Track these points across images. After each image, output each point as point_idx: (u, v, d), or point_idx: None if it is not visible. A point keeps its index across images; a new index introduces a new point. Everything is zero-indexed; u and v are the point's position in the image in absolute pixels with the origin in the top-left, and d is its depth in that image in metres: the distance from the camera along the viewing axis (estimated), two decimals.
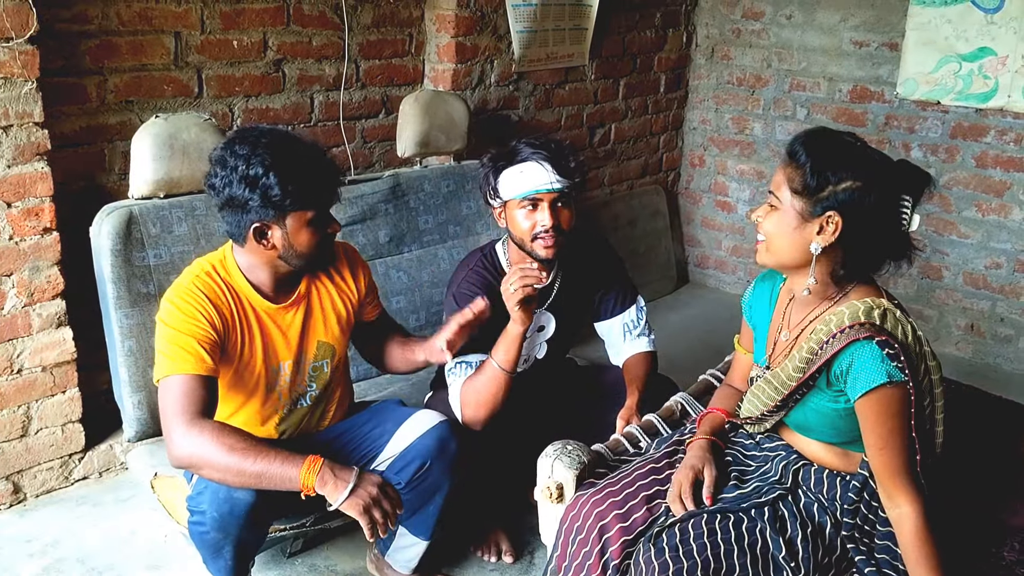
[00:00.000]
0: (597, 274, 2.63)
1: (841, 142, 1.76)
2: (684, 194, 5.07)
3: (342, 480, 1.88)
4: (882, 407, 1.70)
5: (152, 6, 2.73)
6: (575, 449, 1.96)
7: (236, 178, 1.96)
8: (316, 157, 2.06)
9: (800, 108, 4.53)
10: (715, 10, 4.69)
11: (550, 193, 2.36)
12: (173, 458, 1.93)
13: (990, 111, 3.95)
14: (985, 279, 4.15)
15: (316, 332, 2.25)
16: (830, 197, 1.71)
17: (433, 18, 3.48)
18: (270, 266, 2.11)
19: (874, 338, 1.70)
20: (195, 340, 1.99)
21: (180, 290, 2.06)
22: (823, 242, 1.73)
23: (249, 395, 2.19)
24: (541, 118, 3.95)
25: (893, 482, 1.72)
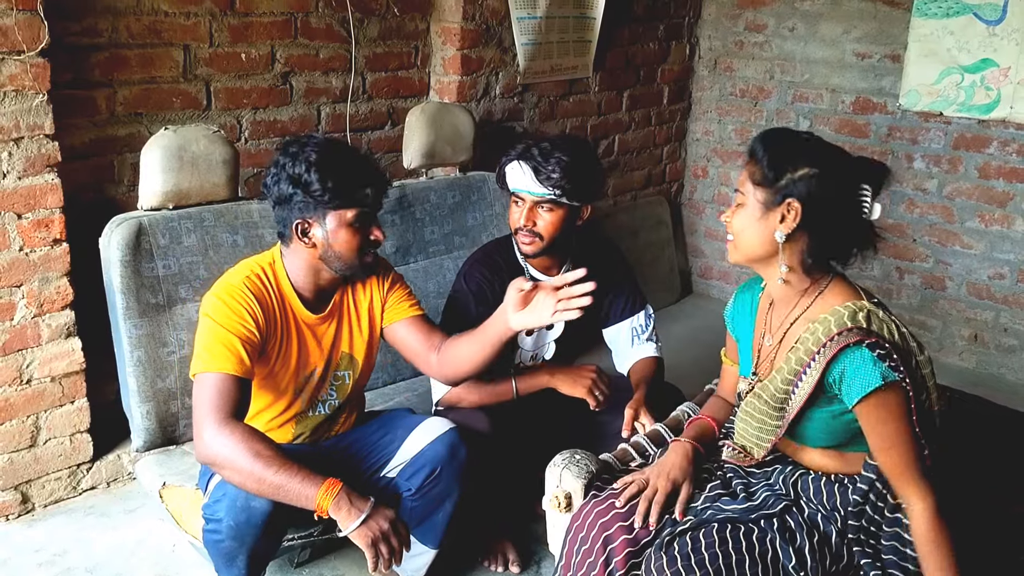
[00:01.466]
0: (607, 277, 2.65)
1: (796, 136, 1.82)
2: (687, 205, 5.09)
3: (356, 509, 1.90)
4: (881, 409, 1.71)
5: (161, 19, 2.76)
6: (583, 458, 1.97)
7: (284, 176, 2.06)
8: (360, 159, 2.15)
9: (803, 119, 4.55)
10: (718, 22, 4.72)
11: (530, 196, 2.45)
12: (199, 454, 1.96)
13: (992, 122, 3.96)
14: (989, 289, 4.16)
15: (343, 343, 2.28)
16: (788, 185, 1.76)
17: (439, 31, 3.50)
18: (312, 269, 2.15)
19: (863, 342, 1.71)
20: (239, 340, 2.01)
21: (230, 288, 2.09)
22: (786, 229, 1.77)
23: (275, 399, 2.22)
24: (545, 129, 3.97)
25: (902, 479, 1.73)
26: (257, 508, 1.96)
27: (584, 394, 2.41)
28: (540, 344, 2.65)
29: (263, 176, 2.13)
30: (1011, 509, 2.00)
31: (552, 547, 2.06)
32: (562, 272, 2.58)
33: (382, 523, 1.92)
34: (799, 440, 1.93)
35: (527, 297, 2.06)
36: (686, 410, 2.32)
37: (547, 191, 2.41)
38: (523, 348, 2.63)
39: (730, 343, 2.16)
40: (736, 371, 2.11)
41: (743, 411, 1.97)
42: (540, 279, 2.58)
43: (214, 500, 2.03)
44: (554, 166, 2.39)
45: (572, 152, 2.42)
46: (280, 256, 2.19)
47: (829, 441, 1.89)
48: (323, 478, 1.91)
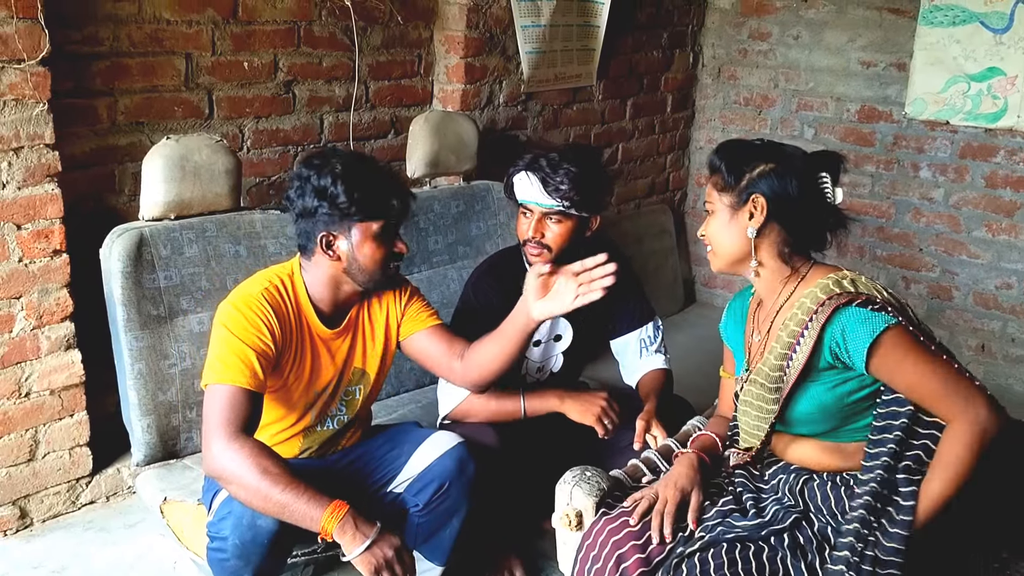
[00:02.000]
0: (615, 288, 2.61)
1: (749, 142, 1.94)
2: (690, 214, 5.06)
3: (361, 534, 1.86)
4: (895, 350, 1.70)
5: (163, 28, 2.72)
6: (594, 476, 1.93)
7: (309, 188, 2.03)
8: (384, 172, 2.14)
9: (807, 128, 4.53)
10: (721, 30, 4.70)
11: (538, 207, 2.41)
12: (207, 467, 1.93)
13: (1000, 131, 3.94)
14: (996, 299, 4.12)
15: (355, 359, 2.25)
16: (749, 184, 1.84)
17: (442, 39, 3.47)
18: (334, 283, 2.13)
19: (853, 301, 1.74)
20: (254, 353, 1.98)
21: (248, 298, 2.05)
22: (756, 224, 1.84)
23: (285, 413, 2.19)
24: (549, 138, 3.94)
25: (951, 399, 1.67)
26: (263, 527, 1.92)
27: (593, 422, 2.36)
28: (548, 356, 2.62)
29: (286, 188, 2.10)
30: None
31: (562, 566, 2.02)
32: None
33: (387, 551, 1.87)
34: (792, 427, 1.90)
35: (547, 284, 2.07)
36: (696, 424, 2.29)
37: (555, 203, 2.38)
38: (531, 359, 2.60)
39: (727, 356, 2.17)
40: (732, 384, 2.10)
41: (742, 404, 1.97)
42: None
43: (219, 518, 1.99)
44: (563, 177, 2.35)
45: (581, 162, 2.39)
46: (299, 268, 2.16)
47: (822, 422, 1.86)
48: (329, 499, 1.87)
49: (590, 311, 2.60)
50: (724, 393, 2.21)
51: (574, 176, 2.36)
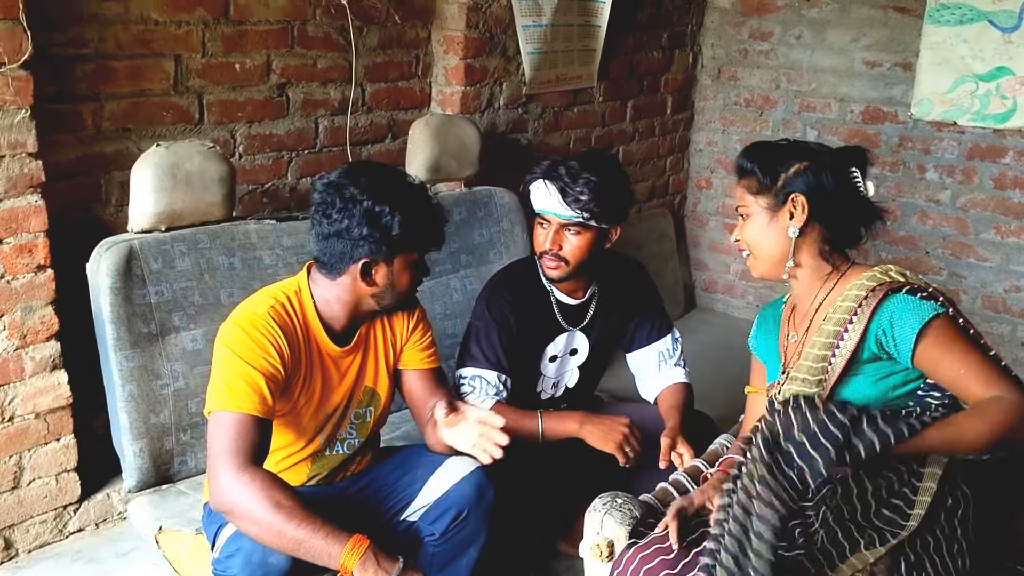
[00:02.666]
0: (633, 300, 2.52)
1: (773, 142, 1.92)
2: (690, 217, 4.96)
3: (383, 570, 1.74)
4: (942, 338, 1.65)
5: (151, 28, 2.58)
6: (625, 503, 1.82)
7: (359, 211, 1.90)
8: (430, 200, 2.05)
9: (810, 129, 4.43)
10: (721, 30, 4.60)
11: (556, 218, 2.31)
12: (215, 502, 1.81)
13: (1008, 132, 3.86)
14: (1005, 302, 4.05)
15: (366, 378, 2.14)
16: (786, 183, 1.82)
17: (440, 39, 3.35)
18: (354, 303, 2.02)
19: (903, 288, 1.71)
20: (263, 377, 1.86)
21: (253, 318, 1.92)
22: (798, 223, 1.81)
23: (293, 437, 2.07)
24: (550, 141, 3.82)
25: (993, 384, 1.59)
26: (274, 565, 1.79)
27: (614, 450, 2.25)
28: (563, 370, 2.51)
29: (318, 204, 1.96)
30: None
31: None
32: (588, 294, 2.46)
33: None
34: None
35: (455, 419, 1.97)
36: (724, 443, 2.18)
37: (575, 214, 2.27)
38: (546, 375, 2.49)
39: (756, 370, 2.09)
40: (763, 400, 1.98)
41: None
42: (566, 302, 2.45)
43: (226, 555, 1.86)
44: (582, 187, 2.25)
45: (600, 172, 2.29)
46: (307, 284, 2.04)
47: None
48: (348, 535, 1.75)
49: (607, 324, 2.51)
50: (751, 411, 2.10)
51: (594, 186, 2.25)
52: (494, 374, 2.34)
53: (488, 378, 2.34)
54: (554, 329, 2.46)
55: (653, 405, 2.51)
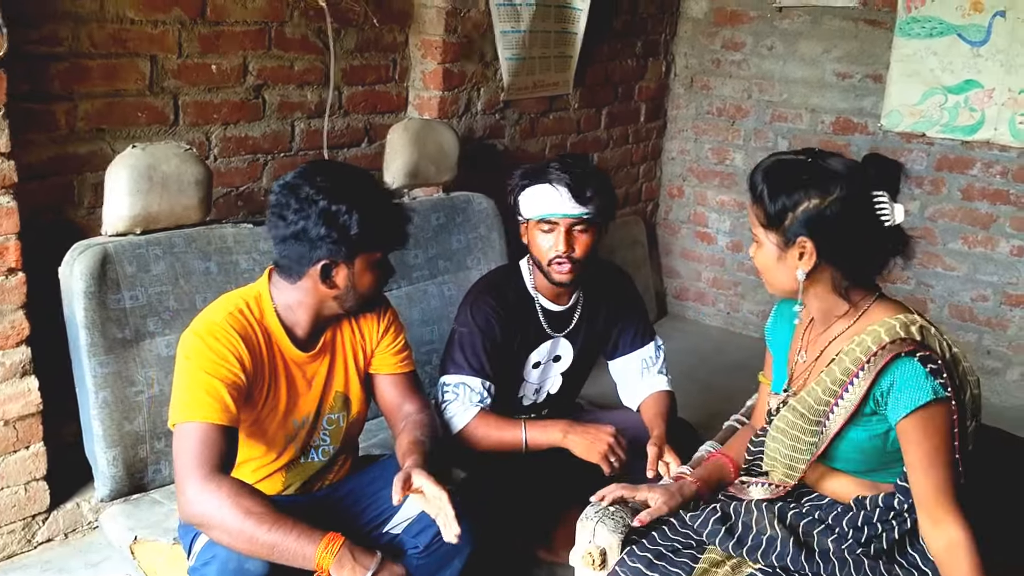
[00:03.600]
0: (616, 307, 2.51)
1: (792, 165, 1.72)
2: (662, 225, 4.98)
3: (361, 566, 1.72)
4: (926, 425, 1.61)
5: (127, 27, 2.53)
6: (617, 511, 1.81)
7: (315, 211, 1.85)
8: (391, 199, 2.00)
9: (781, 139, 4.48)
10: (694, 40, 4.63)
11: (566, 219, 2.28)
12: (184, 514, 1.77)
13: (976, 144, 3.93)
14: (971, 311, 4.11)
15: (336, 383, 2.10)
16: (794, 224, 1.69)
17: (418, 43, 3.33)
18: (316, 307, 1.98)
19: (916, 353, 1.61)
20: (223, 385, 1.82)
21: (212, 326, 1.89)
22: (805, 267, 1.70)
23: (263, 447, 2.03)
24: (526, 147, 3.81)
25: (940, 505, 1.61)
26: (251, 570, 1.76)
27: (599, 460, 2.23)
28: (546, 377, 2.50)
29: (274, 205, 1.91)
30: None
31: None
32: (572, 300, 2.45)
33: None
34: (828, 460, 1.80)
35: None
36: (709, 450, 2.17)
37: (586, 211, 2.27)
38: (528, 381, 2.47)
39: (768, 360, 2.05)
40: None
41: (775, 428, 1.85)
42: (551, 309, 2.44)
43: (202, 563, 1.82)
44: (589, 183, 2.26)
45: (590, 167, 2.32)
46: (268, 289, 1.99)
47: (860, 464, 1.78)
48: (322, 533, 1.73)
49: (591, 331, 2.50)
50: (760, 403, 2.09)
51: (598, 181, 2.28)
52: (478, 381, 2.32)
53: (472, 385, 2.32)
54: (538, 336, 2.45)
55: (636, 412, 2.50)
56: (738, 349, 4.56)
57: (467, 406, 2.31)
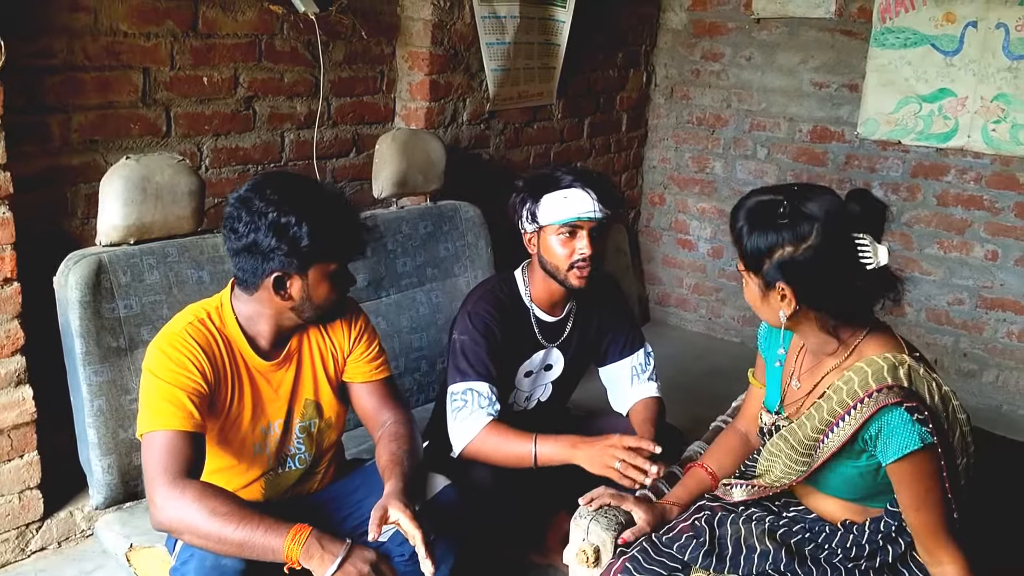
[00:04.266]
0: (608, 316, 2.56)
1: (768, 207, 1.68)
2: (644, 232, 5.04)
3: (330, 553, 1.72)
4: (916, 470, 1.63)
5: (120, 40, 2.56)
6: (610, 509, 1.85)
7: (264, 224, 1.85)
8: (345, 208, 1.98)
9: (760, 148, 4.56)
10: (674, 51, 4.71)
11: (591, 221, 2.31)
12: (154, 521, 1.79)
13: (950, 151, 4.02)
14: (948, 315, 4.20)
15: (304, 391, 2.10)
16: (771, 270, 1.68)
17: (405, 55, 3.37)
18: (276, 318, 1.98)
19: (903, 404, 1.62)
20: (184, 393, 1.84)
21: (171, 337, 1.91)
22: (787, 310, 1.70)
23: (234, 455, 2.04)
24: (511, 157, 3.87)
25: (933, 540, 1.66)
26: (229, 567, 1.78)
27: (612, 474, 2.15)
28: (536, 385, 2.54)
29: (227, 219, 1.90)
30: None
31: None
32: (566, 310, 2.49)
33: (361, 566, 1.73)
34: (820, 487, 1.84)
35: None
36: (698, 451, 2.23)
37: (609, 212, 2.33)
38: (520, 389, 2.51)
39: (759, 362, 2.07)
40: (760, 395, 2.02)
41: (769, 450, 1.87)
42: (545, 320, 2.48)
43: (181, 562, 1.84)
44: (608, 183, 2.35)
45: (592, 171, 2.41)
46: (230, 299, 2.00)
47: (850, 494, 1.81)
48: (289, 525, 1.74)
49: (583, 341, 2.54)
50: (751, 400, 2.10)
51: (610, 182, 2.38)
52: (486, 386, 2.32)
53: (480, 390, 2.31)
54: (532, 346, 2.47)
55: (625, 418, 2.54)
56: (720, 354, 4.63)
57: (477, 413, 2.30)
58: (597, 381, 2.73)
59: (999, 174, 3.97)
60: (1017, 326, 4.07)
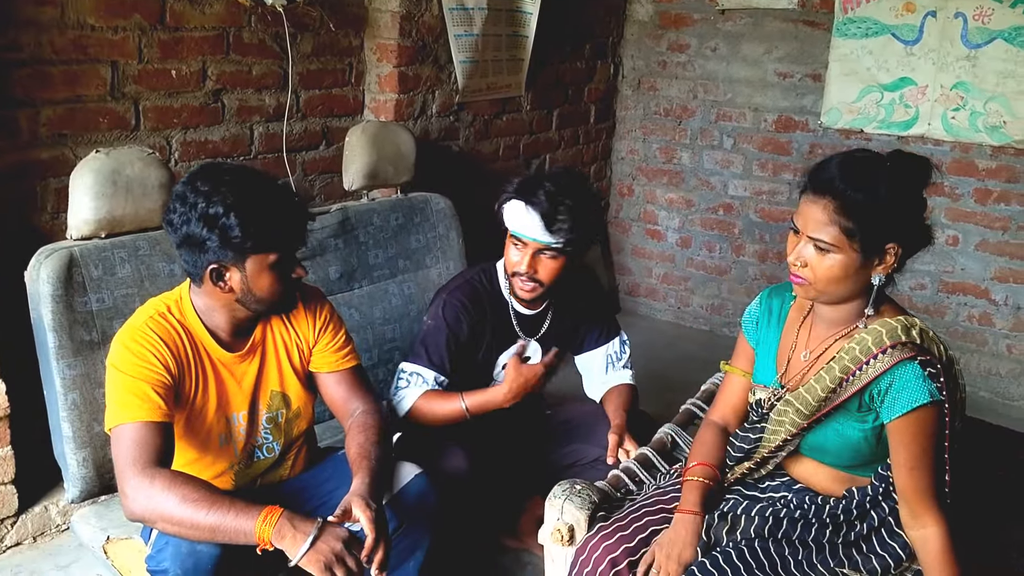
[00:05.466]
0: (584, 307, 2.59)
1: (872, 167, 1.72)
2: (613, 223, 5.09)
3: (301, 533, 1.74)
4: (919, 426, 1.68)
5: (87, 34, 2.55)
6: (584, 489, 1.89)
7: (195, 216, 1.85)
8: (283, 197, 1.95)
9: (727, 138, 4.62)
10: (640, 42, 4.75)
11: (533, 242, 2.31)
12: (127, 511, 1.80)
13: (911, 138, 4.10)
14: (910, 300, 4.28)
15: (269, 382, 2.11)
16: (888, 231, 1.67)
17: (374, 47, 3.39)
18: (227, 309, 1.99)
19: (916, 358, 1.67)
20: (148, 385, 1.85)
21: (132, 331, 1.92)
22: (885, 271, 1.70)
23: (201, 446, 2.05)
24: (480, 148, 3.90)
25: (921, 502, 1.71)
26: (204, 552, 1.80)
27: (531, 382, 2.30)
28: None
29: (166, 213, 1.91)
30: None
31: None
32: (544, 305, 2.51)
33: (334, 543, 1.74)
34: (819, 455, 1.87)
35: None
36: (670, 432, 2.27)
37: (553, 240, 2.29)
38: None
39: (742, 350, 2.04)
40: (744, 383, 2.03)
41: (774, 423, 1.87)
42: (523, 313, 2.51)
43: (157, 550, 1.86)
44: (564, 215, 2.25)
45: (578, 197, 2.30)
46: (188, 293, 2.02)
47: (848, 460, 1.85)
48: (260, 508, 1.75)
49: (560, 333, 2.57)
50: (730, 390, 2.07)
51: (574, 213, 2.26)
52: (433, 374, 2.39)
53: (426, 376, 2.39)
54: (510, 339, 2.50)
55: (598, 404, 2.58)
56: (689, 341, 4.69)
57: (416, 391, 2.40)
58: (571, 370, 2.76)
59: (959, 161, 4.05)
60: (977, 309, 4.16)
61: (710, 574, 1.73)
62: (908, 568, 1.78)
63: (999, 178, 4.00)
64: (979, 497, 2.10)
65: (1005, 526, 2.04)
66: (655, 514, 1.88)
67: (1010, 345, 4.13)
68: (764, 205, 4.58)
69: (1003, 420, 3.36)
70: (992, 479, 2.23)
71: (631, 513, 1.88)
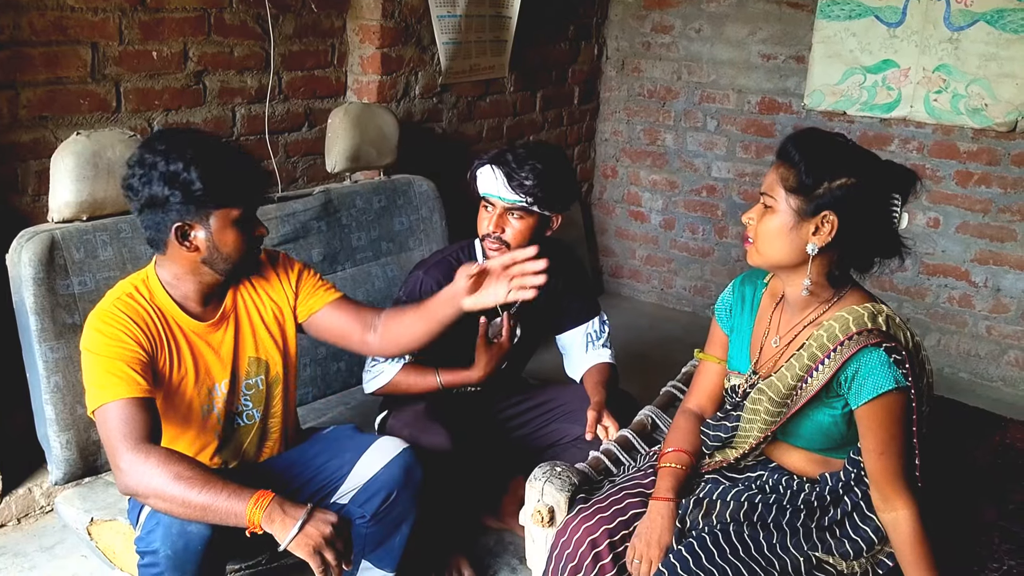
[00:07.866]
0: (564, 285, 2.60)
1: (831, 140, 1.76)
2: (597, 205, 5.10)
3: (291, 517, 1.76)
4: (885, 412, 1.71)
5: (67, 15, 2.54)
6: (564, 471, 1.91)
7: (156, 175, 1.87)
8: (239, 153, 2.00)
9: (710, 120, 4.63)
10: (624, 23, 4.75)
11: (500, 202, 2.37)
12: (121, 487, 1.82)
13: (894, 121, 4.12)
14: (891, 282, 4.32)
15: (246, 348, 2.13)
16: (826, 195, 1.70)
17: (356, 28, 3.37)
18: (194, 275, 2.00)
19: (882, 344, 1.69)
20: (124, 363, 1.87)
21: (101, 314, 1.94)
22: (820, 242, 1.72)
23: (182, 421, 2.06)
24: (464, 130, 3.89)
25: (891, 486, 1.73)
26: (195, 533, 1.82)
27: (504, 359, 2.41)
28: None
29: (125, 179, 1.92)
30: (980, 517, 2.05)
31: (531, 562, 1.99)
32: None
33: (323, 528, 1.77)
34: (790, 438, 1.90)
35: (478, 282, 1.99)
36: (649, 414, 2.30)
37: (519, 198, 2.33)
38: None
39: (715, 338, 2.07)
40: (719, 369, 2.06)
41: (749, 411, 1.89)
42: None
43: (147, 531, 1.87)
44: (528, 173, 2.31)
45: (547, 160, 2.35)
46: (154, 270, 2.03)
47: (822, 444, 1.88)
48: (252, 491, 1.77)
49: (539, 310, 2.58)
50: (705, 377, 2.10)
51: (539, 172, 2.32)
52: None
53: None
54: (488, 315, 2.52)
55: (579, 384, 2.60)
56: (671, 323, 4.72)
57: (391, 368, 2.45)
58: (553, 351, 2.78)
59: (940, 143, 4.08)
60: (957, 291, 4.21)
61: (685, 560, 1.76)
62: (880, 551, 1.82)
63: (980, 160, 4.03)
64: (953, 479, 2.14)
65: (977, 507, 2.08)
66: (634, 496, 1.91)
67: (989, 327, 4.17)
68: (747, 187, 4.59)
69: (982, 401, 3.41)
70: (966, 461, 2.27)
71: (611, 495, 1.91)
